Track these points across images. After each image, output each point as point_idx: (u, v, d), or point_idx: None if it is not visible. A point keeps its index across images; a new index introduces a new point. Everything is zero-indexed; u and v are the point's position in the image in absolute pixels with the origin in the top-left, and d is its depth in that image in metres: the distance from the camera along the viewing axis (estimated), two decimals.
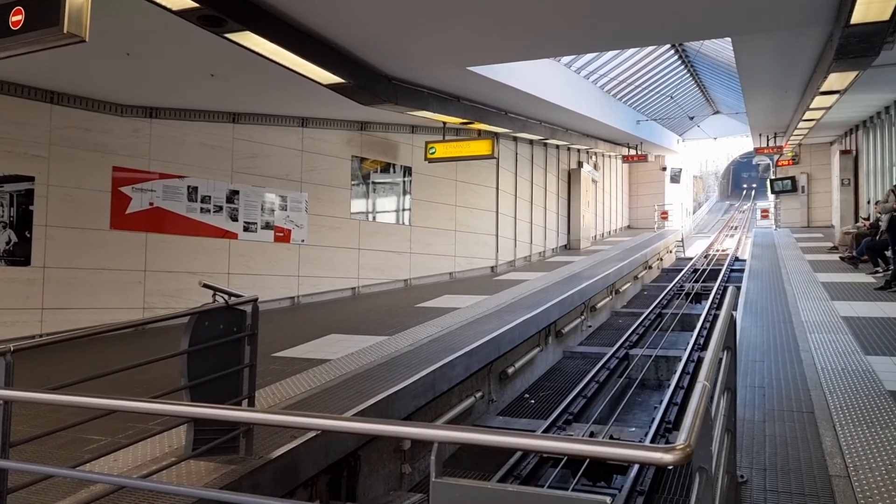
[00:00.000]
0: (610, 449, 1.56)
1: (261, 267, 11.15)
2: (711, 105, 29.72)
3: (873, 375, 5.91)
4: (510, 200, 16.87)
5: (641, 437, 7.06)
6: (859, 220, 16.69)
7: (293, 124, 11.54)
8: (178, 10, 4.91)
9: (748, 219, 41.54)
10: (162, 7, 4.83)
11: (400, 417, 6.19)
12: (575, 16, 6.31)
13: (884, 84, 11.00)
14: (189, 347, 4.07)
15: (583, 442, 1.51)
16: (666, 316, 13.49)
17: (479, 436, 1.63)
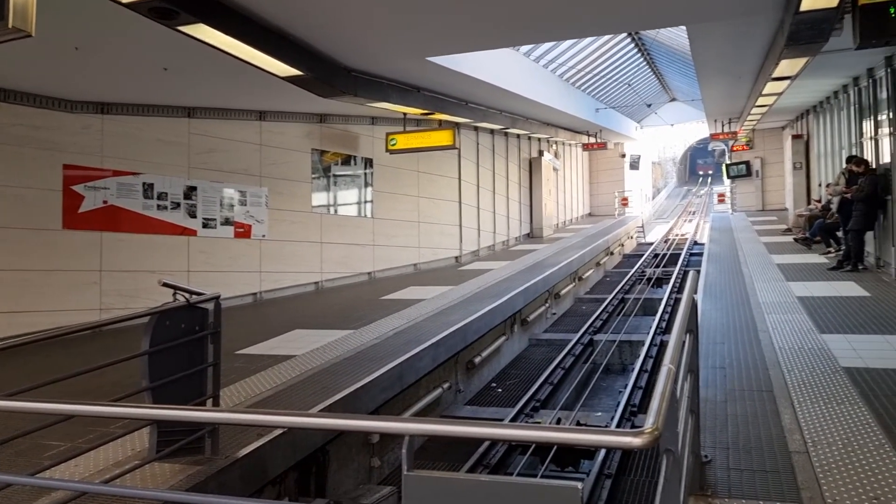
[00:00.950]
0: (581, 435, 1.56)
1: (221, 263, 10.97)
2: (668, 92, 30.12)
3: (828, 353, 6.08)
4: (473, 190, 16.89)
5: (608, 422, 7.15)
6: (811, 203, 17.13)
7: (251, 118, 11.36)
8: (127, 3, 4.77)
9: (705, 203, 42.28)
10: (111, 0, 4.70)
11: (367, 411, 6.16)
12: (532, 5, 6.31)
13: (832, 69, 11.27)
14: (150, 348, 3.98)
15: (554, 430, 1.51)
16: (628, 301, 13.67)
17: (452, 427, 1.62)
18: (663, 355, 7.94)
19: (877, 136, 10.89)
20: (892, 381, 5.19)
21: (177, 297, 4.19)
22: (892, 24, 5.16)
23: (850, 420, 4.42)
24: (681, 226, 30.67)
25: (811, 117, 18.25)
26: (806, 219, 14.87)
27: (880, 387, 5.06)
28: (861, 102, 11.91)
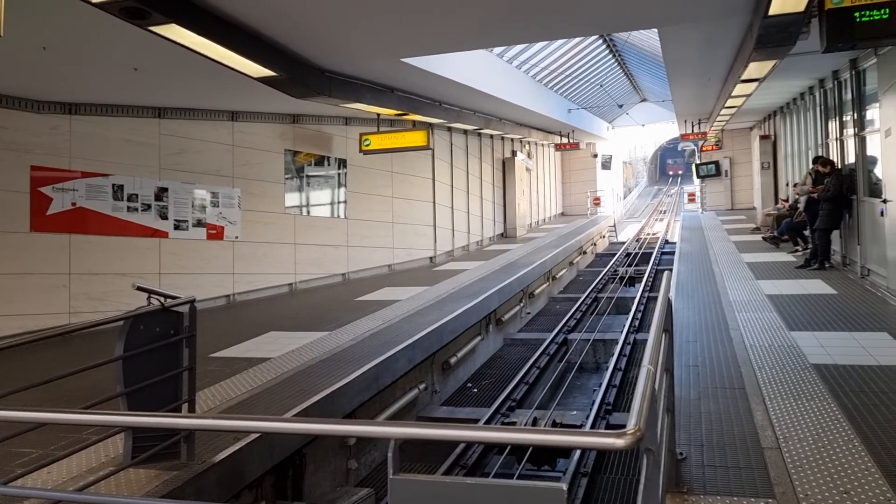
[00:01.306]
0: (565, 437, 1.58)
1: (193, 266, 10.85)
2: (639, 93, 30.44)
3: (798, 350, 6.20)
4: (447, 190, 16.91)
5: (583, 420, 7.21)
6: (779, 202, 17.45)
7: (223, 118, 11.24)
8: (98, 3, 4.70)
9: (676, 202, 42.86)
10: None
11: (344, 413, 6.15)
12: (506, 8, 6.34)
13: (799, 72, 11.48)
14: (124, 353, 3.93)
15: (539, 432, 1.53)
16: (602, 300, 13.80)
17: (440, 431, 1.63)
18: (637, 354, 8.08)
19: (842, 137, 11.12)
20: (859, 377, 5.31)
21: (151, 300, 4.14)
22: (856, 29, 5.28)
23: (820, 416, 4.51)
24: (652, 225, 31.06)
25: (778, 118, 18.57)
26: (774, 218, 15.13)
27: (848, 383, 5.18)
28: (826, 104, 12.16)
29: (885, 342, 6.28)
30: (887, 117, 8.15)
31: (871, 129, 9.44)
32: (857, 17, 5.29)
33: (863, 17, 5.29)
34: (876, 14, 5.27)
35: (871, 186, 9.51)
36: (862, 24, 5.28)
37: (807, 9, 5.44)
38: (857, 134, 10.05)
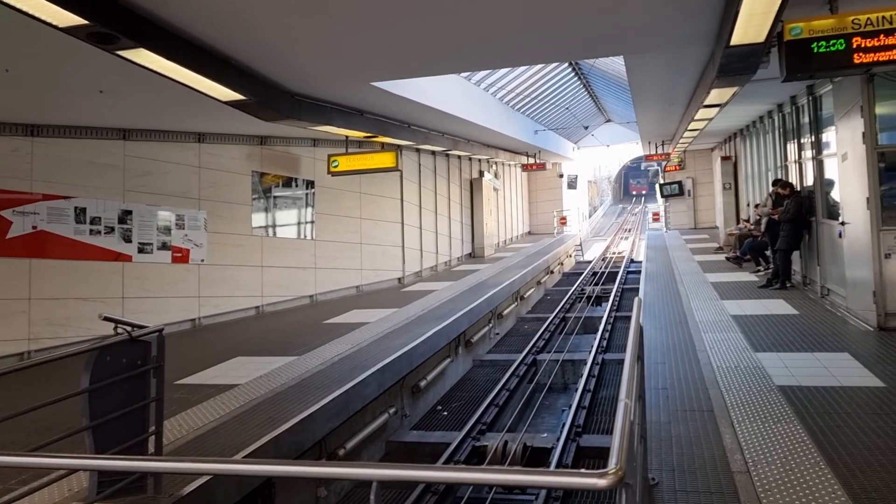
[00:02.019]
0: (546, 478, 1.59)
1: (158, 289, 10.67)
2: (604, 114, 30.92)
3: (763, 371, 6.32)
4: (415, 211, 16.93)
5: (554, 443, 7.22)
6: (741, 222, 17.81)
7: (189, 140, 11.13)
8: (65, 28, 4.64)
9: (640, 221, 43.46)
10: (47, 24, 4.56)
11: (315, 440, 6.08)
12: (474, 36, 6.41)
13: (759, 97, 11.79)
14: (90, 385, 3.84)
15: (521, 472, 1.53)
16: (570, 320, 13.87)
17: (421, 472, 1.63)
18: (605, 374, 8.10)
19: (800, 160, 11.43)
20: (823, 398, 5.42)
21: (118, 330, 4.06)
22: (814, 60, 5.46)
23: (787, 439, 4.59)
24: (617, 243, 31.41)
25: (739, 140, 19.01)
26: (736, 238, 15.44)
27: (812, 404, 5.28)
28: (785, 127, 12.49)
29: (847, 362, 6.43)
30: (843, 142, 8.41)
31: (829, 152, 9.72)
32: (815, 48, 5.47)
33: (820, 48, 5.47)
34: (832, 45, 5.46)
35: (829, 209, 9.77)
36: (819, 55, 5.46)
37: (767, 40, 5.60)
38: (814, 157, 10.34)
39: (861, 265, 7.96)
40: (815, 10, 5.82)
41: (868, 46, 5.36)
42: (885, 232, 7.55)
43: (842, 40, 5.43)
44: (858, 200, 7.88)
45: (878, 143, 7.64)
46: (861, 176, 7.75)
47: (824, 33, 5.44)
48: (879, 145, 7.64)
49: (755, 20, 5.10)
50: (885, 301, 7.57)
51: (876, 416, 4.93)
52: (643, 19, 6.08)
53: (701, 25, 6.20)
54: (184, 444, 5.34)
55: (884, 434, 4.58)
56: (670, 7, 5.62)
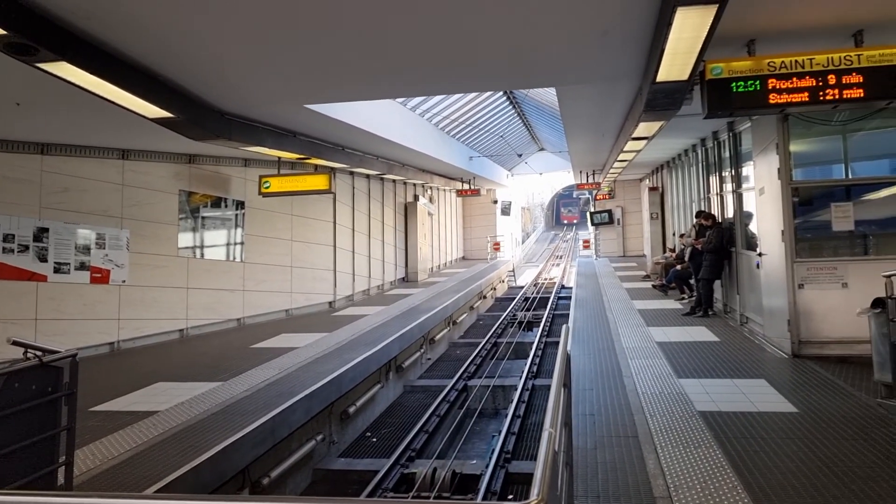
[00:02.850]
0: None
1: (74, 311, 10.21)
2: (537, 143, 31.56)
3: (685, 397, 6.48)
4: (348, 234, 16.80)
5: (483, 469, 7.21)
6: (666, 251, 18.38)
7: (113, 156, 10.77)
8: None
9: (571, 248, 44.35)
10: None
11: (238, 469, 5.89)
12: (411, 63, 6.46)
13: (684, 131, 12.27)
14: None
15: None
16: (501, 345, 13.96)
17: None
18: (535, 399, 8.14)
19: (722, 193, 11.91)
20: (741, 423, 5.60)
21: (28, 355, 3.86)
22: (734, 99, 5.73)
23: (707, 464, 4.71)
24: (549, 270, 31.92)
25: (665, 172, 19.68)
26: (662, 266, 15.90)
27: (731, 430, 5.45)
28: (708, 161, 13.01)
29: (763, 389, 6.66)
30: (760, 177, 8.81)
31: (747, 186, 10.16)
32: (734, 87, 5.74)
33: (738, 87, 5.74)
34: (750, 85, 5.74)
35: (748, 240, 10.19)
36: (738, 95, 5.74)
37: (690, 78, 5.84)
38: (734, 190, 10.79)
39: (777, 295, 8.31)
40: (734, 52, 6.11)
41: (782, 88, 5.66)
42: (798, 263, 7.91)
43: (758, 81, 5.72)
44: (774, 233, 8.25)
45: (792, 179, 8.04)
46: (777, 209, 8.12)
47: (742, 74, 5.72)
48: (794, 181, 8.04)
49: (679, 59, 5.32)
50: (799, 329, 7.91)
51: (790, 441, 5.11)
52: (574, 55, 6.26)
53: (630, 62, 6.41)
54: (97, 475, 5.09)
55: (797, 458, 4.75)
56: (601, 43, 5.79)
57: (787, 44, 5.98)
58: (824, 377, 6.98)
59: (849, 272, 7.75)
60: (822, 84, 5.59)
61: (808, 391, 6.48)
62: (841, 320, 7.67)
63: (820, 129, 8.12)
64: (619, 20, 5.19)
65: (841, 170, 8.22)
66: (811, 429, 5.39)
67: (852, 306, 6.97)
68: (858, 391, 6.40)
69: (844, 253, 7.95)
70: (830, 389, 6.51)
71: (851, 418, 5.61)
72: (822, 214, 8.02)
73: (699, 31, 4.68)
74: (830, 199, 7.98)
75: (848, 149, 8.13)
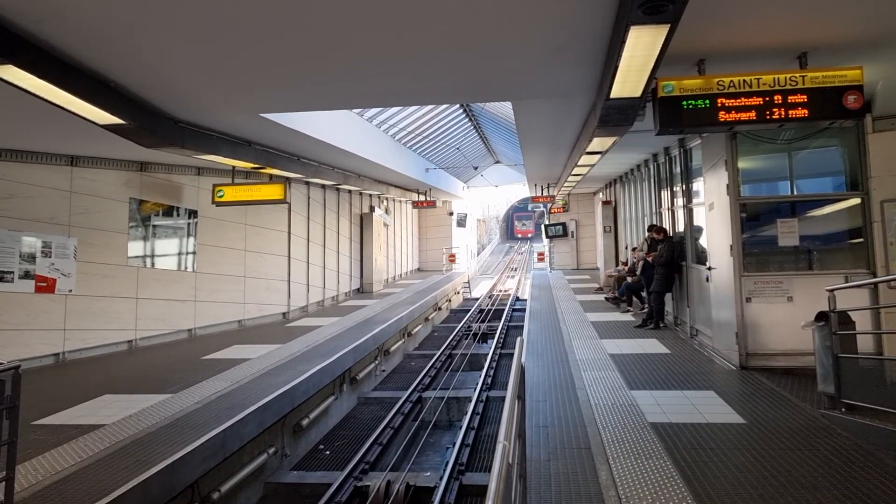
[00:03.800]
0: None
1: (17, 321, 9.87)
2: (493, 155, 31.81)
3: (637, 409, 6.58)
4: (302, 245, 16.64)
5: (437, 482, 7.19)
6: (619, 264, 18.69)
7: (60, 163, 10.48)
8: None
9: (526, 260, 44.72)
10: None
11: (187, 483, 5.76)
12: (367, 74, 6.46)
13: (636, 146, 12.53)
14: None
15: None
16: (456, 357, 13.98)
17: None
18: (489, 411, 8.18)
19: (673, 207, 12.18)
20: (691, 434, 5.71)
21: None
22: (684, 116, 5.89)
23: (658, 475, 4.79)
24: (504, 282, 32.11)
25: (618, 186, 20.04)
26: (615, 279, 16.15)
27: (681, 440, 5.55)
28: (660, 176, 13.30)
29: (712, 400, 6.81)
30: (710, 192, 9.04)
31: (697, 201, 10.42)
32: (685, 105, 5.90)
33: (689, 105, 5.90)
34: (700, 103, 5.90)
35: (698, 254, 10.43)
36: (688, 112, 5.89)
37: (642, 95, 5.97)
38: (685, 205, 11.05)
39: (725, 308, 8.52)
40: (685, 71, 6.28)
41: (731, 106, 5.83)
42: (745, 277, 8.13)
43: (708, 99, 5.89)
44: (723, 247, 8.47)
45: (740, 195, 8.28)
46: (725, 225, 8.34)
47: (693, 92, 5.88)
48: (742, 197, 8.28)
49: (632, 76, 5.43)
50: (747, 342, 8.12)
51: (738, 451, 5.23)
52: (529, 70, 6.34)
53: (584, 77, 6.53)
54: (39, 491, 4.92)
55: (744, 469, 4.86)
56: (555, 59, 5.89)
57: (735, 64, 6.17)
58: (771, 388, 7.17)
59: (794, 286, 8.00)
60: (769, 103, 5.78)
61: (755, 402, 6.65)
62: (786, 333, 7.91)
63: (767, 147, 8.39)
64: (573, 37, 5.28)
65: (787, 186, 8.49)
66: (758, 439, 5.52)
67: (797, 319, 7.20)
68: (803, 402, 6.60)
69: (790, 267, 8.21)
70: (776, 400, 6.70)
71: (796, 429, 5.77)
72: (769, 230, 8.28)
73: (652, 50, 4.80)
74: (777, 215, 8.24)
75: (793, 166, 8.41)
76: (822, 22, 5.28)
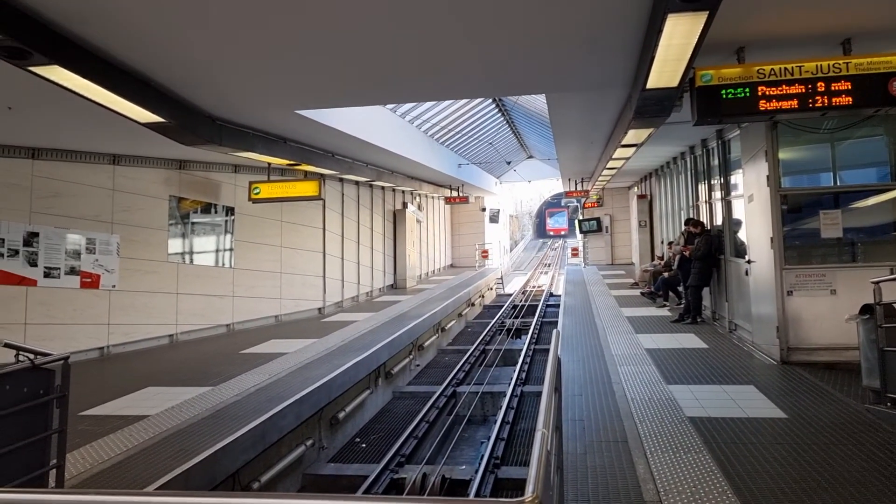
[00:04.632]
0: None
1: (64, 316, 10.15)
2: (526, 150, 31.67)
3: (675, 403, 6.52)
4: (337, 241, 16.79)
5: (472, 475, 7.21)
6: (655, 259, 18.49)
7: (104, 161, 10.74)
8: None
9: (560, 256, 44.47)
10: None
11: (228, 473, 5.87)
12: (400, 69, 6.50)
13: (672, 139, 12.37)
14: None
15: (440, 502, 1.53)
16: (490, 352, 13.97)
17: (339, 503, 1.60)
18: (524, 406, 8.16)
19: (710, 200, 12.01)
20: (730, 429, 5.64)
21: (20, 357, 3.84)
22: (723, 106, 5.80)
23: (696, 468, 4.75)
24: (537, 278, 31.97)
25: (654, 179, 19.81)
26: (651, 274, 15.99)
27: (720, 435, 5.49)
28: (697, 169, 13.12)
29: (752, 394, 6.72)
30: (749, 184, 8.90)
31: (736, 193, 10.26)
32: (724, 94, 5.81)
33: (728, 94, 5.81)
34: (739, 92, 5.81)
35: (736, 247, 10.28)
36: (728, 102, 5.80)
37: (680, 85, 5.91)
38: (723, 198, 10.89)
39: (765, 302, 8.38)
40: (724, 59, 6.19)
41: (772, 95, 5.73)
42: (787, 270, 7.99)
43: (748, 88, 5.79)
44: (763, 240, 8.33)
45: (781, 186, 8.12)
46: (765, 217, 8.21)
47: (732, 81, 5.78)
48: (782, 188, 8.13)
49: (669, 66, 5.38)
50: (788, 336, 7.98)
51: (778, 446, 5.16)
52: (564, 62, 6.31)
53: (619, 68, 6.48)
54: (88, 479, 5.06)
55: (786, 463, 4.79)
56: (591, 50, 5.85)
57: (776, 51, 6.06)
58: (813, 383, 7.04)
59: (837, 279, 7.84)
60: (812, 91, 5.66)
61: (797, 397, 6.54)
62: (829, 327, 7.75)
63: (809, 137, 8.23)
64: (608, 27, 5.25)
65: (829, 177, 8.33)
66: (800, 434, 5.44)
67: (841, 313, 7.05)
68: (847, 397, 6.47)
69: (833, 260, 8.04)
70: (819, 395, 6.58)
71: (840, 423, 5.67)
72: (811, 222, 8.12)
73: (689, 38, 4.74)
74: (819, 207, 8.07)
75: (836, 157, 8.24)
76: (867, 6, 5.17)
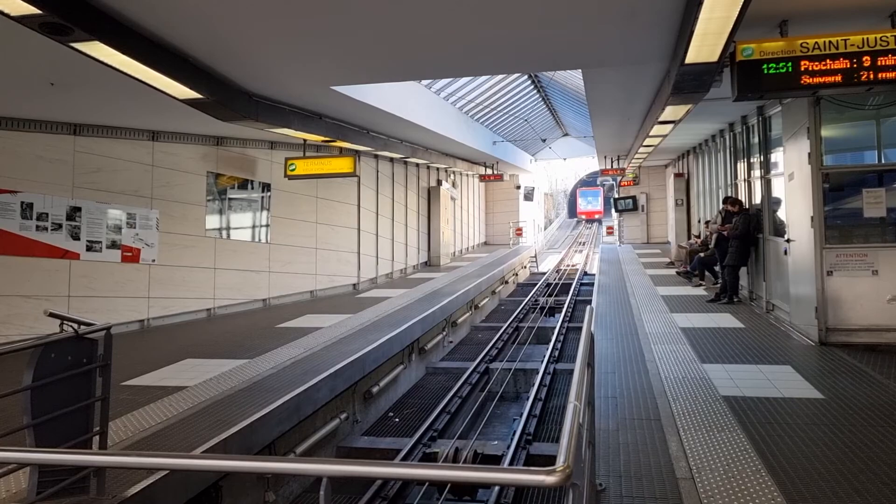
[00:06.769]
0: (497, 474, 1.61)
1: (106, 289, 10.41)
2: (561, 128, 31.34)
3: (709, 382, 6.47)
4: (371, 217, 16.89)
5: (504, 450, 7.27)
6: (691, 238, 18.23)
7: (143, 137, 10.92)
8: (17, 17, 4.51)
9: (595, 234, 44.11)
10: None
11: (264, 444, 6.00)
12: (437, 44, 6.46)
13: (711, 115, 12.12)
14: (33, 382, 3.73)
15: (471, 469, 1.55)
16: (523, 330, 13.98)
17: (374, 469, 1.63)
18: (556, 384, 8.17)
19: (749, 179, 11.77)
20: (765, 408, 5.58)
21: (64, 327, 3.96)
22: (764, 81, 5.66)
23: (730, 447, 4.72)
24: (571, 256, 31.79)
25: (691, 157, 19.48)
26: (687, 253, 15.78)
27: (755, 414, 5.44)
28: (736, 146, 12.85)
29: (789, 375, 6.63)
30: (790, 162, 8.70)
31: (776, 171, 10.04)
32: (765, 69, 5.67)
33: (770, 69, 5.67)
34: (781, 67, 5.66)
35: (775, 226, 10.08)
36: (769, 77, 5.66)
37: (720, 59, 5.78)
38: (763, 176, 10.67)
39: (804, 282, 8.23)
40: (766, 33, 6.04)
41: (815, 69, 5.57)
42: (827, 250, 7.82)
43: (790, 63, 5.63)
44: (803, 219, 8.16)
45: (823, 165, 7.93)
46: (806, 195, 8.02)
47: (774, 55, 5.63)
48: (824, 166, 7.93)
49: (709, 39, 5.26)
50: (827, 317, 7.84)
51: (815, 427, 5.09)
52: (601, 37, 6.22)
53: (658, 43, 6.36)
54: (129, 446, 5.22)
55: (822, 444, 4.73)
56: (628, 25, 5.75)
57: (820, 24, 5.89)
58: (852, 365, 6.92)
59: (879, 259, 7.65)
60: (857, 66, 5.48)
61: (835, 378, 6.44)
62: (870, 308, 7.59)
63: (853, 114, 7.99)
64: (647, 1, 5.14)
65: (874, 155, 8.09)
66: (838, 415, 5.36)
67: (882, 294, 6.91)
68: (887, 379, 6.35)
69: (875, 240, 7.84)
70: (858, 377, 6.46)
71: (879, 405, 5.57)
72: (853, 201, 7.92)
73: (730, 11, 4.62)
74: (862, 186, 7.86)
75: (881, 134, 8.00)
76: None
